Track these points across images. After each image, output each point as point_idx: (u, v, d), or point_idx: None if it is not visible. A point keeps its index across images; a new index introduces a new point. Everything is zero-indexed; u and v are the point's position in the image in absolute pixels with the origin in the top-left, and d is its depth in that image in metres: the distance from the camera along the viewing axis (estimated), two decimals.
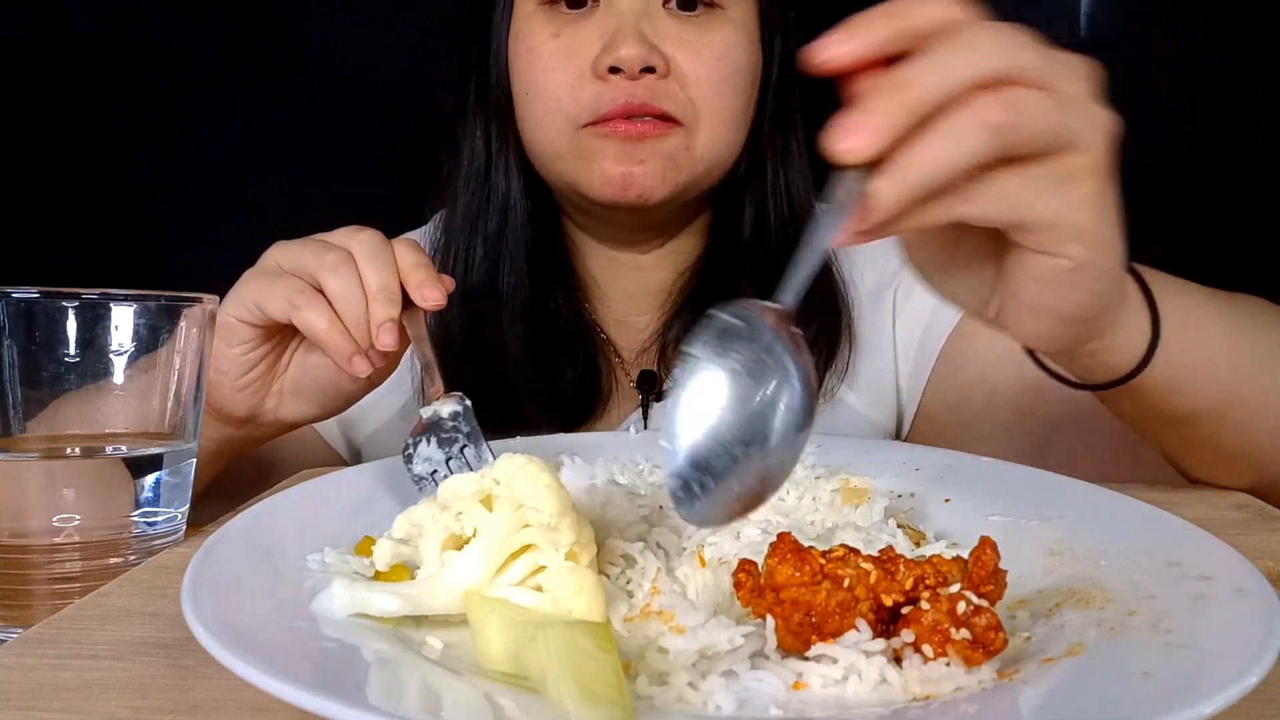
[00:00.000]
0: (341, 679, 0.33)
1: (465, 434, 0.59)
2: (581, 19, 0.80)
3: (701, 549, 0.45)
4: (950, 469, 0.59)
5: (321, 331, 0.62)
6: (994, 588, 0.36)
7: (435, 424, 0.59)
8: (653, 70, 0.77)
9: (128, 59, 1.27)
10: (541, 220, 0.88)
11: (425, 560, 0.41)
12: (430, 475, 0.57)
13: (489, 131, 0.87)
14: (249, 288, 0.64)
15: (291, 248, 0.64)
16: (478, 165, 0.88)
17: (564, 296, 0.88)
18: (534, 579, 0.40)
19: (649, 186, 0.79)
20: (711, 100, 0.80)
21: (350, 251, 0.63)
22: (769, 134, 0.87)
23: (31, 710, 0.35)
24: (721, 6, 0.81)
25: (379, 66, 1.26)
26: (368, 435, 0.92)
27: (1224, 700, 0.28)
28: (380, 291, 0.61)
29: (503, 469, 0.41)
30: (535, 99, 0.82)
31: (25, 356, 0.50)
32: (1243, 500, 0.61)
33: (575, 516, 0.41)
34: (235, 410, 0.68)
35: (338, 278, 0.62)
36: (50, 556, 0.49)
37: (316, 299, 0.62)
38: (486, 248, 0.87)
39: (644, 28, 0.78)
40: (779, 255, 0.85)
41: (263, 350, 0.66)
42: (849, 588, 0.36)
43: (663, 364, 0.88)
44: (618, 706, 0.31)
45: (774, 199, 0.87)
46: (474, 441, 0.59)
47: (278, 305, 0.62)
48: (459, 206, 0.88)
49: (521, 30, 0.83)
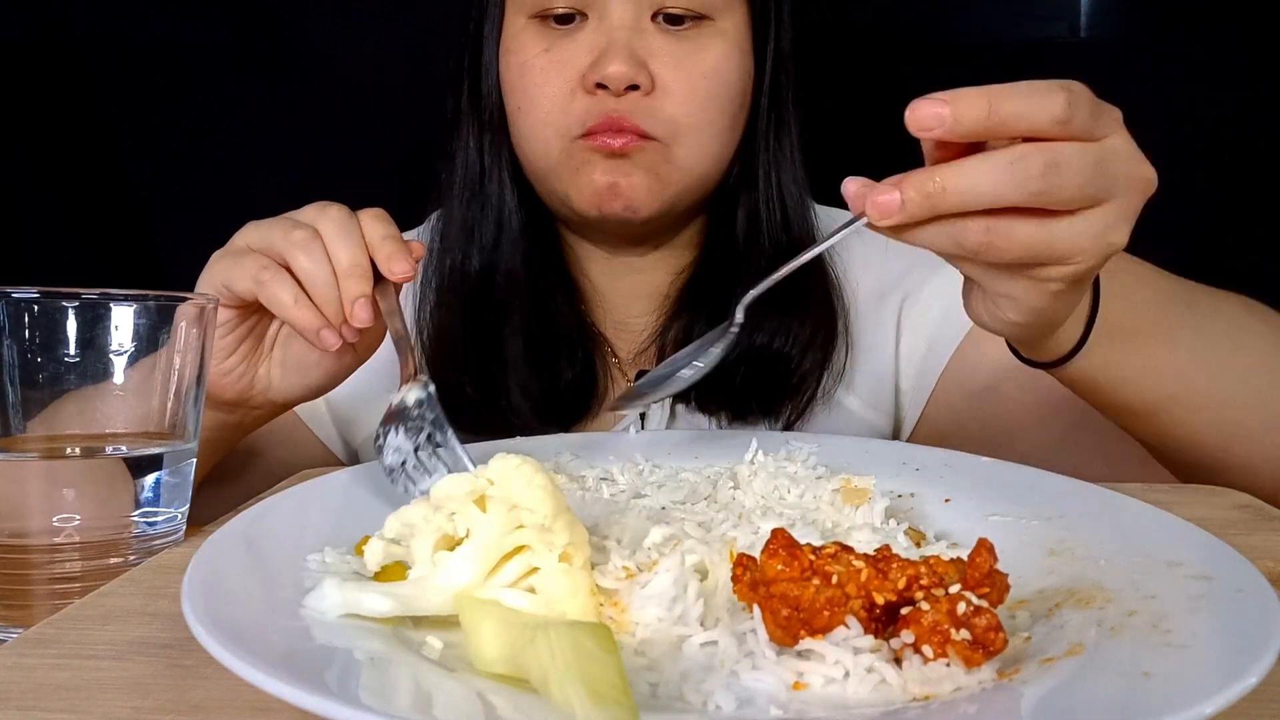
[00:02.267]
0: (341, 679, 0.33)
1: (430, 421, 0.58)
2: (572, 33, 0.80)
3: (733, 542, 0.45)
4: (950, 469, 0.59)
5: (288, 307, 0.61)
6: (990, 590, 0.36)
7: (402, 412, 0.58)
8: (637, 87, 0.78)
9: (128, 59, 1.27)
10: (537, 229, 0.88)
11: (417, 561, 0.41)
12: (400, 465, 0.57)
13: (482, 142, 0.88)
14: (218, 267, 0.64)
15: (260, 227, 0.64)
16: (472, 176, 0.88)
17: (562, 300, 0.88)
18: (527, 580, 0.40)
19: (636, 198, 0.80)
20: (695, 115, 0.81)
21: (317, 229, 0.63)
22: (762, 138, 0.87)
23: (31, 710, 0.35)
24: (711, 18, 0.81)
25: (379, 66, 1.26)
26: (365, 436, 0.92)
27: (1224, 700, 0.28)
28: (351, 268, 0.61)
29: (496, 469, 0.41)
30: (526, 113, 0.82)
31: (25, 356, 0.50)
32: (1243, 500, 0.61)
33: (569, 518, 0.41)
34: (224, 394, 0.68)
35: (306, 254, 0.61)
36: (50, 556, 0.49)
37: (281, 274, 0.62)
38: (483, 258, 0.87)
39: (634, 44, 0.78)
40: (773, 258, 0.85)
41: (242, 331, 0.67)
42: (839, 584, 0.36)
43: (658, 364, 0.88)
44: (624, 708, 0.31)
45: (766, 203, 0.87)
46: (439, 429, 0.58)
47: (244, 284, 0.62)
48: (454, 216, 0.88)
49: (512, 45, 0.83)
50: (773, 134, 0.87)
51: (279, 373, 0.69)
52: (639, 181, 0.80)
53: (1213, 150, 1.18)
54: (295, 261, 0.62)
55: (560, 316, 0.87)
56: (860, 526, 0.49)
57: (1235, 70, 1.17)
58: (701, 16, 0.81)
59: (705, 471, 0.60)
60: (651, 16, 0.80)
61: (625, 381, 0.90)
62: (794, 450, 0.61)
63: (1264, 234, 1.18)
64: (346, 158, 1.27)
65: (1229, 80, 1.17)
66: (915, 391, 0.89)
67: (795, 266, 0.51)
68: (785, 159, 0.88)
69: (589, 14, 0.80)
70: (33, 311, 0.50)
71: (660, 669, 0.36)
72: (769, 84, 0.86)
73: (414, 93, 1.16)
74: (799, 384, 0.85)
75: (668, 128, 0.80)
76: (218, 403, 0.69)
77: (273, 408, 0.71)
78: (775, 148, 0.87)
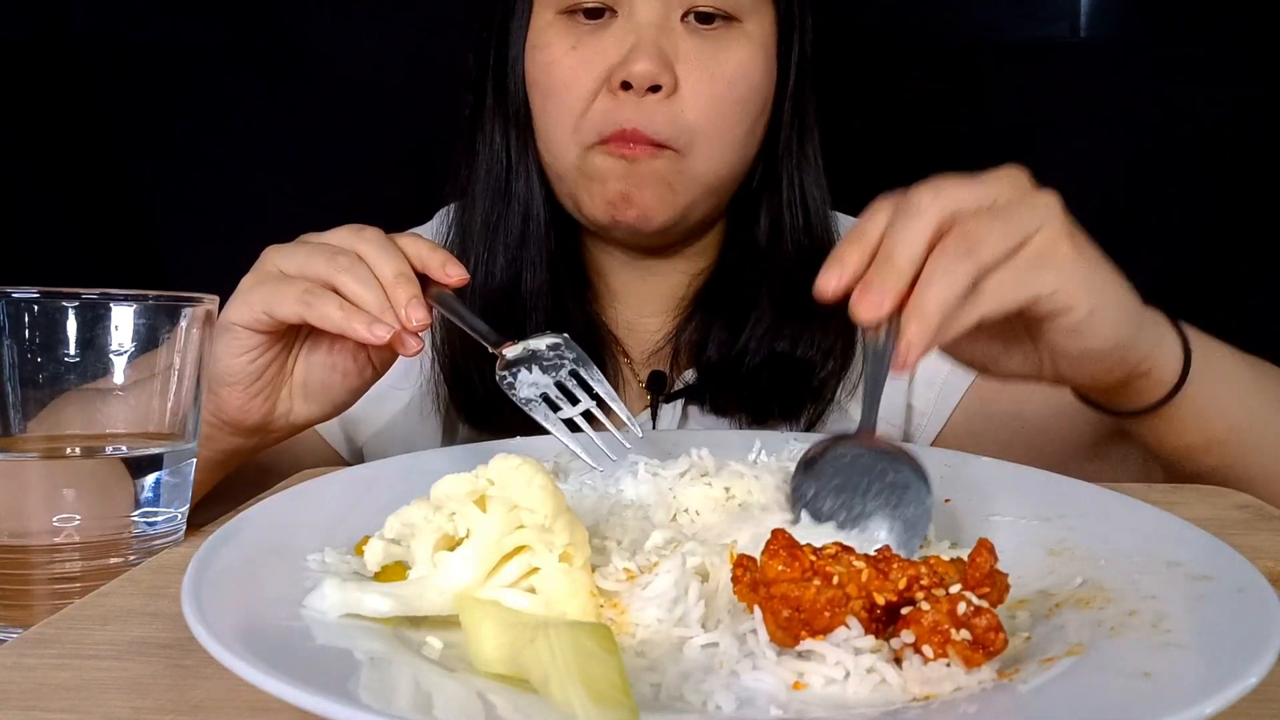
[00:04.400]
0: (341, 679, 0.33)
1: (571, 359, 0.60)
2: (599, 30, 0.80)
3: (733, 546, 0.45)
4: (950, 469, 0.59)
5: (339, 318, 0.61)
6: (990, 590, 0.36)
7: (532, 355, 0.60)
8: (659, 89, 0.78)
9: (128, 59, 1.27)
10: (560, 227, 0.88)
11: (417, 561, 0.41)
12: (539, 398, 0.58)
13: (508, 139, 0.87)
14: (257, 294, 0.63)
15: (297, 252, 0.64)
16: (497, 173, 0.88)
17: (575, 300, 0.88)
18: (527, 581, 0.40)
19: (649, 207, 0.80)
20: (715, 123, 0.80)
21: (359, 252, 0.63)
22: (785, 142, 0.87)
23: (31, 710, 0.35)
24: (740, 20, 0.81)
25: (379, 66, 1.26)
26: (370, 435, 0.92)
27: (1224, 700, 0.28)
28: (397, 278, 0.61)
29: (497, 469, 0.41)
30: (551, 112, 0.82)
31: (25, 356, 0.50)
32: (1243, 500, 0.61)
33: (570, 518, 0.41)
34: (248, 419, 0.67)
35: (352, 277, 0.61)
36: (50, 556, 0.49)
37: (327, 294, 0.61)
38: (508, 255, 0.87)
39: (661, 42, 0.78)
40: (796, 264, 0.85)
41: (270, 355, 0.66)
42: (839, 585, 0.36)
43: (674, 368, 0.89)
44: (625, 708, 0.31)
45: (789, 208, 0.87)
46: (582, 365, 0.60)
47: (289, 308, 0.61)
48: (478, 212, 0.88)
49: (539, 40, 0.83)
50: (796, 138, 0.87)
51: (300, 394, 0.68)
52: (651, 191, 0.80)
53: (1213, 150, 1.18)
54: (344, 286, 0.61)
55: (572, 316, 0.87)
56: None
57: (1235, 70, 1.17)
58: (730, 17, 0.81)
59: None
60: (682, 16, 0.80)
61: (637, 383, 0.90)
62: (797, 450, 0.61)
63: (1264, 234, 1.18)
64: (346, 158, 1.27)
65: (1229, 80, 1.17)
66: (933, 414, 0.89)
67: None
68: (808, 163, 0.88)
69: (618, 10, 0.80)
70: (33, 311, 0.50)
71: (661, 669, 0.36)
72: (793, 87, 0.86)
73: (414, 93, 1.17)
74: (819, 388, 0.85)
75: (685, 135, 0.79)
76: (239, 429, 0.68)
77: (291, 430, 0.70)
78: (799, 152, 0.87)
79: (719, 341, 0.86)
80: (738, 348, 0.85)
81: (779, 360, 0.84)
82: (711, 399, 0.86)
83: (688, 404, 0.87)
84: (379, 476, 0.57)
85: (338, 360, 0.67)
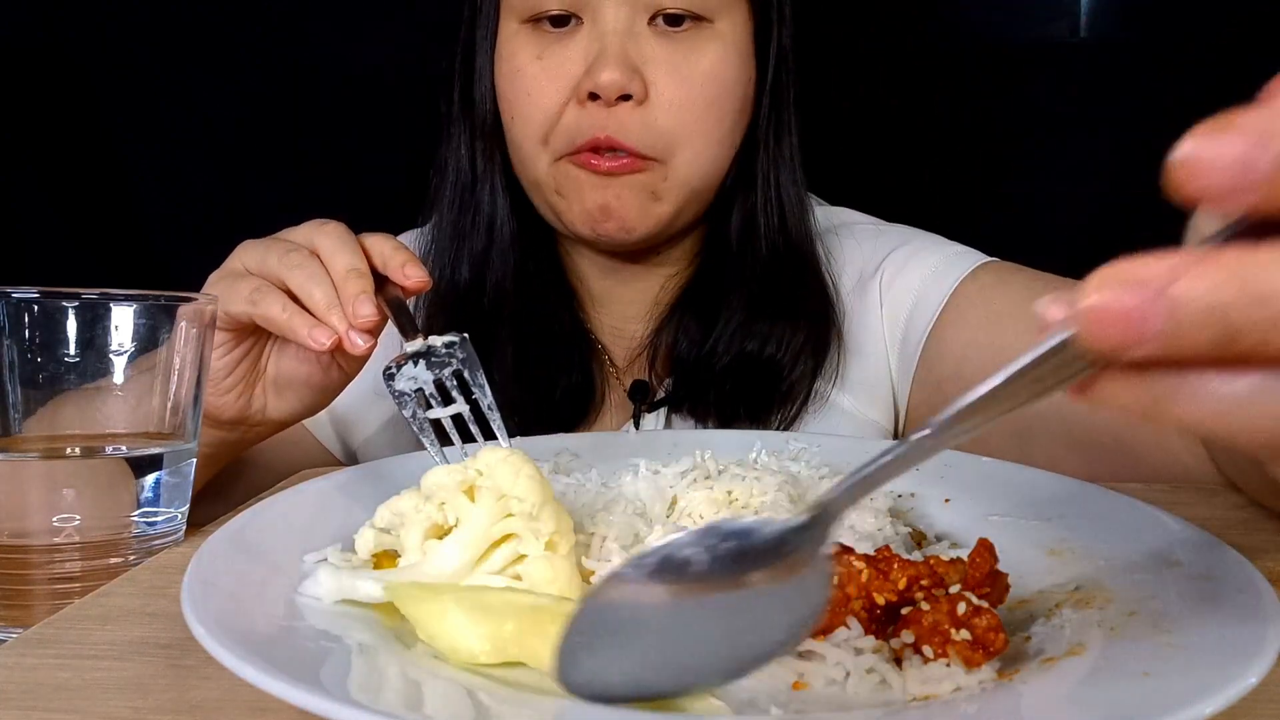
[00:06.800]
0: (341, 679, 0.33)
1: (460, 360, 0.57)
2: (565, 37, 0.79)
3: None
4: (950, 469, 0.59)
5: (281, 319, 0.60)
6: (991, 590, 0.36)
7: (425, 352, 0.57)
8: (629, 97, 0.77)
9: (128, 59, 1.27)
10: (530, 236, 0.87)
11: (407, 549, 0.42)
12: (414, 393, 0.56)
13: (474, 149, 0.87)
14: (216, 291, 0.63)
15: (257, 248, 0.63)
16: (463, 184, 0.87)
17: (560, 307, 0.88)
18: (513, 568, 0.41)
19: (629, 218, 0.79)
20: (690, 126, 0.79)
21: (315, 248, 0.62)
22: (762, 139, 0.85)
23: (31, 710, 0.35)
24: (710, 20, 0.80)
25: (379, 68, 1.26)
26: (364, 439, 0.92)
27: (1224, 700, 0.28)
28: (349, 273, 0.60)
29: (485, 460, 0.42)
30: (518, 125, 0.81)
31: (25, 356, 0.50)
32: (1243, 500, 0.61)
33: (556, 506, 0.41)
34: (223, 414, 0.68)
35: (304, 273, 0.60)
36: (50, 556, 0.49)
37: (273, 292, 0.61)
38: (473, 265, 0.86)
39: (628, 49, 0.77)
40: (770, 261, 0.84)
41: (240, 351, 0.66)
42: (839, 585, 0.36)
43: (652, 372, 0.87)
44: None
45: (765, 206, 0.86)
46: (469, 368, 0.56)
47: (238, 306, 0.61)
48: (445, 222, 0.88)
49: (505, 50, 0.82)
50: (772, 135, 0.86)
51: (273, 391, 0.69)
52: (631, 201, 0.79)
53: None
54: (291, 280, 0.60)
55: (558, 324, 0.87)
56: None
57: (1235, 70, 1.17)
58: (700, 18, 0.79)
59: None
60: (650, 20, 0.78)
61: (622, 389, 0.89)
62: (798, 450, 0.61)
63: (1264, 234, 1.18)
64: (346, 159, 1.27)
65: (1229, 80, 1.17)
66: (900, 380, 0.87)
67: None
68: (784, 160, 0.86)
69: (583, 17, 0.78)
70: (33, 311, 0.50)
71: None
72: (770, 84, 0.85)
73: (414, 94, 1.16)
74: (788, 391, 0.83)
75: (661, 142, 0.78)
76: (217, 421, 0.68)
77: (272, 426, 0.71)
78: (775, 149, 0.86)
79: (689, 343, 0.85)
80: (706, 348, 0.84)
81: (748, 361, 0.83)
82: (688, 403, 0.85)
83: (671, 411, 0.86)
84: (378, 476, 0.57)
85: (305, 358, 0.66)
